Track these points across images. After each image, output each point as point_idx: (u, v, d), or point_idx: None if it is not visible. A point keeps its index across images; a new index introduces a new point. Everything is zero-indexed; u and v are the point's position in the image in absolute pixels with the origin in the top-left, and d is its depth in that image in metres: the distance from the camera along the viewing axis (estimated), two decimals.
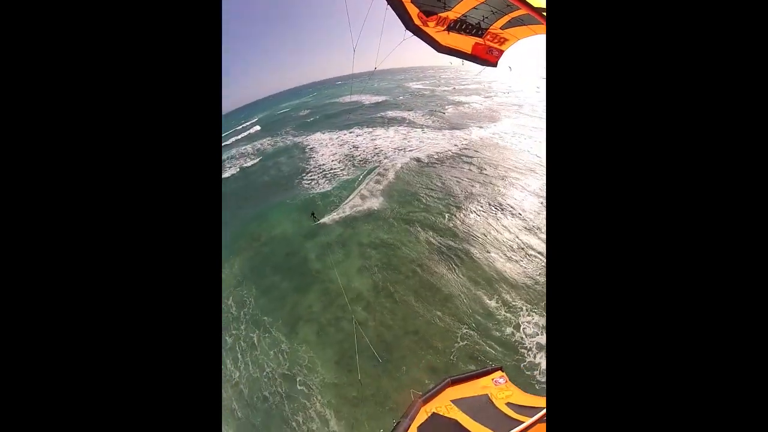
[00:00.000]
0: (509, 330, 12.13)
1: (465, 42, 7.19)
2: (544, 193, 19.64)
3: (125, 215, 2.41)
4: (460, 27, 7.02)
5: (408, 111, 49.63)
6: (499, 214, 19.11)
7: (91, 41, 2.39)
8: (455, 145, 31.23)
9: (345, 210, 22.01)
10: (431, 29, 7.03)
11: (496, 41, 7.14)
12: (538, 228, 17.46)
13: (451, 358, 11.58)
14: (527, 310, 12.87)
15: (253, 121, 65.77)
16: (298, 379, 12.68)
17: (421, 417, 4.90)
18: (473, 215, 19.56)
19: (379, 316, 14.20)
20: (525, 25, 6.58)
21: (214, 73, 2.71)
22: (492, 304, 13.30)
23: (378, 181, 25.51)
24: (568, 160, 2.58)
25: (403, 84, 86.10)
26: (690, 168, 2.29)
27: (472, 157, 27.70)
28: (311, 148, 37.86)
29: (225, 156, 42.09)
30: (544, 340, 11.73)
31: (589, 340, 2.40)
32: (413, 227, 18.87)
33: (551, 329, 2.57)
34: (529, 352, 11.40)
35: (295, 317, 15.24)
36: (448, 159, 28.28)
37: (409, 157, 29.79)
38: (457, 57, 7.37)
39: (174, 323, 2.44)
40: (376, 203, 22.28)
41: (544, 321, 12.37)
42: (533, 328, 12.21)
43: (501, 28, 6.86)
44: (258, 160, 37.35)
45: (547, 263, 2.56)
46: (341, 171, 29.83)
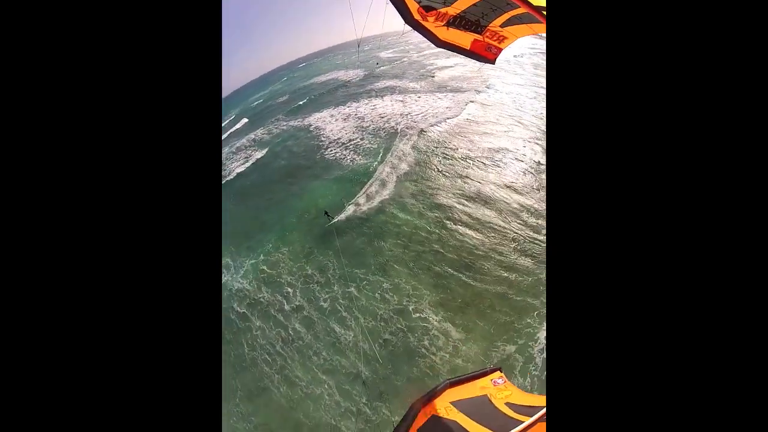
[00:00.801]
0: None
1: (464, 38, 7.26)
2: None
3: (124, 213, 2.41)
4: (459, 23, 7.07)
5: (394, 79, 49.78)
6: None
7: (88, 41, 2.38)
8: (462, 108, 31.13)
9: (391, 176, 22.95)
10: (430, 24, 7.12)
11: (495, 39, 7.21)
12: None
13: None
14: None
15: (231, 118, 65.56)
16: (410, 308, 14.14)
17: (421, 419, 5.00)
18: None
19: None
20: (525, 24, 6.60)
21: (213, 72, 2.69)
22: None
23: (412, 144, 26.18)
24: (569, 160, 2.61)
25: (373, 55, 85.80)
26: (691, 169, 2.32)
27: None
28: (315, 127, 37.64)
29: (225, 151, 41.97)
30: None
31: (590, 338, 2.44)
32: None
33: (551, 328, 2.61)
34: None
35: (383, 262, 16.56)
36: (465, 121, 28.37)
37: (427, 120, 30.01)
38: (456, 53, 7.48)
39: (174, 322, 2.43)
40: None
41: None
42: None
43: (500, 25, 6.90)
44: (265, 150, 37.07)
45: (547, 262, 2.63)
46: (362, 140, 29.82)
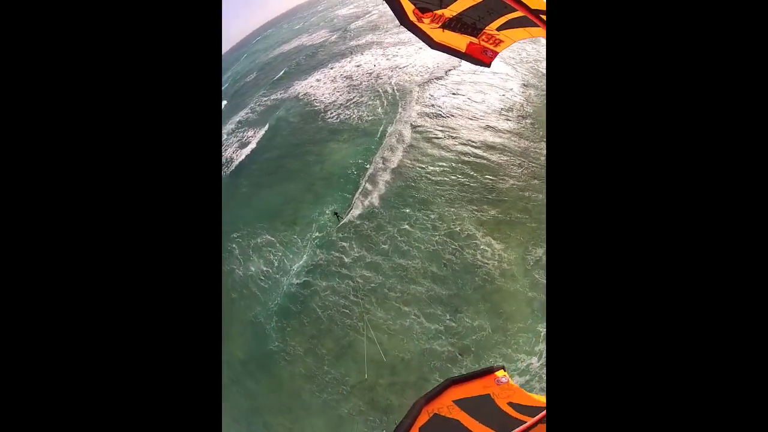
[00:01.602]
0: None
1: (460, 41, 7.41)
2: None
3: (122, 210, 2.41)
4: (455, 25, 7.22)
5: (370, 34, 46.46)
6: None
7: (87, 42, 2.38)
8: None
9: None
10: (426, 26, 7.24)
11: (491, 42, 7.39)
12: None
13: None
14: None
15: None
16: (457, 230, 16.66)
17: (423, 418, 5.01)
18: None
19: None
20: (522, 27, 6.78)
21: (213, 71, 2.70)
22: None
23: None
24: (569, 164, 2.60)
25: (330, 14, 77.10)
26: (693, 172, 2.30)
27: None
28: (305, 94, 36.11)
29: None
30: None
31: (590, 339, 2.42)
32: None
33: (551, 327, 2.60)
34: None
35: (423, 198, 18.84)
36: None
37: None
38: (451, 55, 7.63)
39: (173, 320, 2.43)
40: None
41: None
42: None
43: (497, 29, 7.09)
44: (263, 128, 35.05)
45: (547, 259, 2.67)
46: (360, 98, 29.54)
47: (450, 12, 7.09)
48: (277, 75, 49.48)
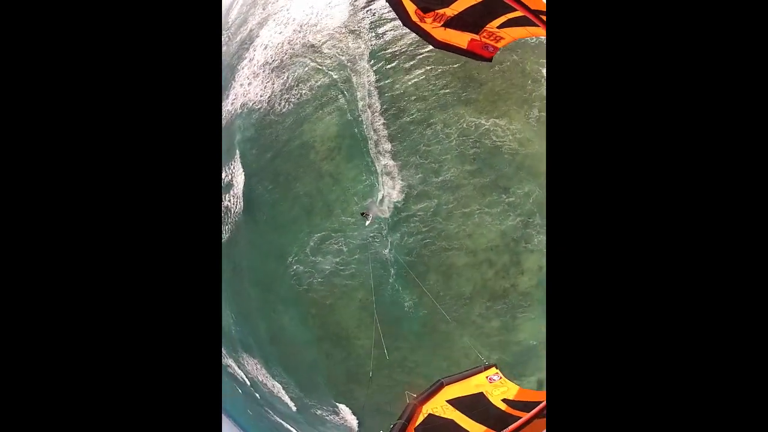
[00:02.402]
0: None
1: (461, 38, 7.83)
2: None
3: (121, 210, 2.42)
4: (456, 23, 7.68)
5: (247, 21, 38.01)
6: None
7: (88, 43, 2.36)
8: None
9: None
10: (428, 25, 7.75)
11: (492, 39, 7.71)
12: None
13: None
14: None
15: None
16: (464, 125, 17.35)
17: (417, 418, 5.07)
18: None
19: None
20: (522, 26, 7.21)
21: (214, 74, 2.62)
22: None
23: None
24: (569, 163, 2.56)
25: None
26: (692, 171, 2.28)
27: None
28: (240, 105, 29.61)
29: None
30: None
31: (590, 333, 2.39)
32: None
33: (551, 324, 2.56)
34: None
35: (421, 116, 18.79)
36: None
37: None
38: (453, 52, 8.04)
39: (173, 319, 2.47)
40: None
41: None
42: None
43: (498, 27, 7.46)
44: (234, 161, 29.70)
45: (547, 256, 2.45)
46: (292, 73, 25.64)
47: (452, 11, 7.74)
48: None
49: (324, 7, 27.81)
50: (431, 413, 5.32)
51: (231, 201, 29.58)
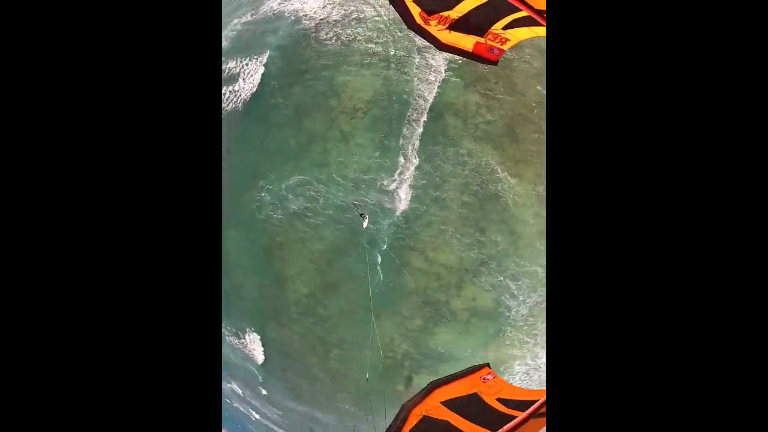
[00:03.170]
0: None
1: (466, 41, 7.46)
2: None
3: (121, 207, 2.41)
4: (461, 26, 7.23)
5: None
6: None
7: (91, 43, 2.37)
8: None
9: None
10: (433, 28, 7.32)
11: (497, 41, 7.34)
12: None
13: None
14: None
15: None
16: (483, 164, 18.30)
17: (412, 420, 5.03)
18: None
19: None
20: (527, 27, 6.79)
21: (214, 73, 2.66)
22: None
23: None
24: (569, 163, 2.58)
25: None
26: (693, 171, 2.27)
27: None
28: (293, 11, 26.59)
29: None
30: None
31: (589, 332, 2.37)
32: None
33: (551, 322, 2.56)
34: None
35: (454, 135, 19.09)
36: None
37: None
38: (458, 55, 7.77)
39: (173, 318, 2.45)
40: None
41: None
42: None
43: (502, 28, 7.06)
44: (255, 59, 27.23)
45: (547, 254, 2.56)
46: (356, 10, 23.16)
47: (456, 13, 7.19)
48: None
49: None
50: (426, 415, 5.26)
51: (233, 92, 26.26)
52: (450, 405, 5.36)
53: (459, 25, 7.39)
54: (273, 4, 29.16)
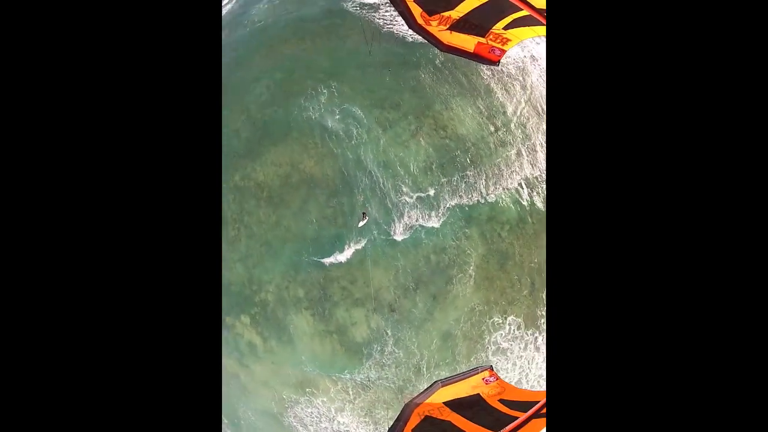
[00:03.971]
0: None
1: (468, 41, 7.47)
2: None
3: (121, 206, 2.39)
4: (462, 27, 7.24)
5: None
6: None
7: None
8: None
9: None
10: (434, 28, 7.33)
11: (498, 41, 7.40)
12: None
13: None
14: None
15: None
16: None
17: (414, 420, 5.02)
18: None
19: None
20: (527, 26, 6.84)
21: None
22: None
23: None
24: (569, 162, 2.57)
25: None
26: (693, 171, 2.25)
27: None
28: None
29: None
30: None
31: (589, 332, 2.36)
32: None
33: (551, 322, 2.58)
34: None
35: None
36: None
37: None
38: (460, 56, 7.66)
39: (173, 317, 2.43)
40: None
41: None
42: None
43: (503, 28, 7.11)
44: None
45: (547, 253, 2.59)
46: None
47: (457, 13, 7.19)
48: None
49: None
50: (428, 415, 5.26)
51: None
52: (452, 405, 5.32)
53: (460, 26, 7.41)
54: None
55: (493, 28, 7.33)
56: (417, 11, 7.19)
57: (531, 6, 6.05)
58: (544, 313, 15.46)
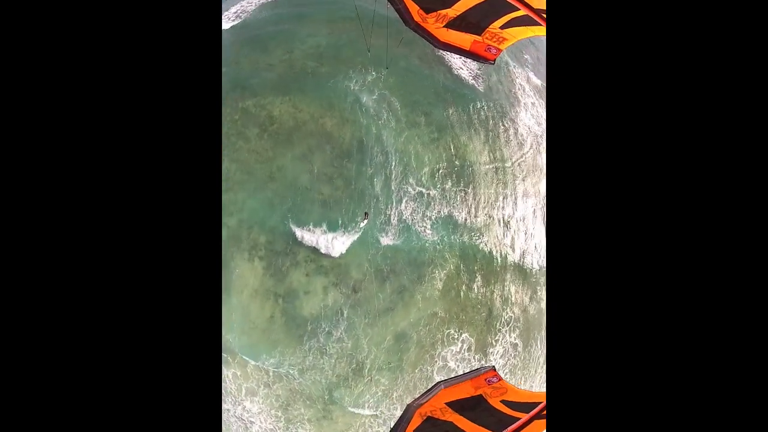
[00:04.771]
0: None
1: (464, 39, 7.49)
2: None
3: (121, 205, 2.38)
4: (459, 25, 7.26)
5: None
6: None
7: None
8: None
9: None
10: (431, 26, 7.34)
11: (494, 40, 7.44)
12: None
13: None
14: None
15: None
16: None
17: (416, 421, 5.00)
18: None
19: None
20: (525, 26, 6.88)
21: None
22: None
23: None
24: (569, 164, 2.55)
25: None
26: (694, 170, 2.22)
27: None
28: None
29: None
30: None
31: (589, 334, 2.34)
32: None
33: (551, 323, 2.56)
34: None
35: None
36: None
37: None
38: (456, 53, 7.79)
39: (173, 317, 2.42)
40: None
41: None
42: None
43: (500, 27, 7.15)
44: None
45: (547, 255, 2.73)
46: None
47: (454, 11, 7.20)
48: None
49: None
50: (430, 416, 5.22)
51: None
52: (454, 406, 5.33)
53: (457, 23, 7.43)
54: None
55: (490, 26, 7.37)
56: (414, 8, 7.19)
57: (528, 6, 6.08)
58: (494, 342, 15.72)
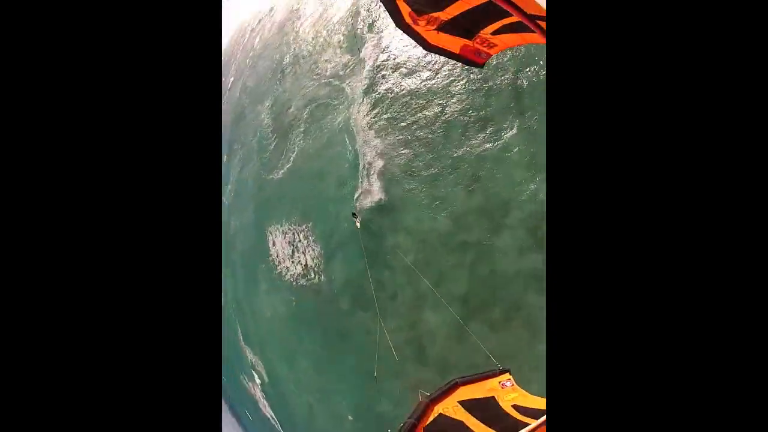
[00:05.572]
0: None
1: (453, 43, 7.48)
2: None
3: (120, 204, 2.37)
4: (450, 28, 7.23)
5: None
6: None
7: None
8: None
9: None
10: (421, 28, 7.30)
11: (485, 45, 7.46)
12: None
13: None
14: None
15: None
16: None
17: (428, 417, 5.02)
18: None
19: None
20: (516, 33, 6.92)
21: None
22: None
23: None
24: (570, 170, 2.54)
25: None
26: (694, 170, 2.22)
27: None
28: None
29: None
30: None
31: (591, 340, 2.35)
32: None
33: (551, 325, 2.56)
34: None
35: None
36: None
37: None
38: (445, 56, 7.67)
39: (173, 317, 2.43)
40: None
41: None
42: None
43: (492, 33, 7.16)
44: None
45: (547, 258, 2.56)
46: None
47: (446, 15, 7.15)
48: None
49: None
50: (442, 413, 5.22)
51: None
52: (467, 405, 5.37)
53: (448, 27, 7.37)
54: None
55: (482, 32, 7.38)
56: (405, 10, 7.11)
57: (522, 13, 5.93)
58: None
